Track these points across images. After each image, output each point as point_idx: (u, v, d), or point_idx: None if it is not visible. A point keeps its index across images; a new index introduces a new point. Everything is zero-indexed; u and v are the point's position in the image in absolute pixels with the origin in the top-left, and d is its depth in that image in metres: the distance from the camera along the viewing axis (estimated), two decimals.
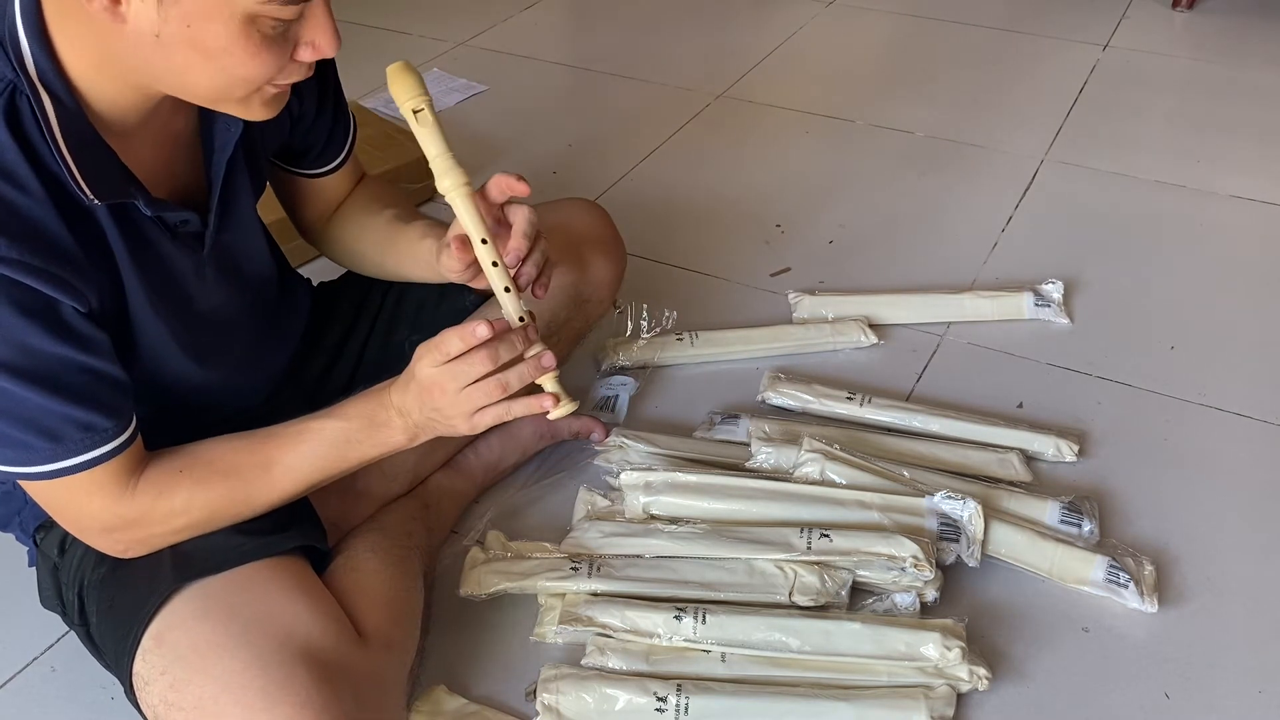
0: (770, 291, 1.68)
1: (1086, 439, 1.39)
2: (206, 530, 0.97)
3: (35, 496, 0.93)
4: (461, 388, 0.93)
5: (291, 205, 1.21)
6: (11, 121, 0.80)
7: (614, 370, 1.51)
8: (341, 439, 0.96)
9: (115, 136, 0.86)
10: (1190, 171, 1.98)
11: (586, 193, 1.88)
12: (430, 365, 0.93)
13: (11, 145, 0.80)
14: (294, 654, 0.91)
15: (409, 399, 0.95)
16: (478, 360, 0.92)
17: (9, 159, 0.80)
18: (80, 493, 0.90)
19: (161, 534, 0.95)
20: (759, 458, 1.31)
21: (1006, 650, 1.14)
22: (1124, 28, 2.52)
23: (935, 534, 1.19)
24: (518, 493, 1.33)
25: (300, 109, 1.07)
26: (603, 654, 1.10)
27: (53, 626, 1.14)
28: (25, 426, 0.85)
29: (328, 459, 0.97)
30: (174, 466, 0.93)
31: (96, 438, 0.88)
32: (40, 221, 0.82)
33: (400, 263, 1.15)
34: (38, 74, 0.81)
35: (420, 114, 0.93)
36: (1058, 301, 1.61)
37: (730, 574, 1.16)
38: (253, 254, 1.08)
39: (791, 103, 2.24)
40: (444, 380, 0.92)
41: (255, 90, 0.84)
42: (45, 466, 0.87)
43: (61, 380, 0.84)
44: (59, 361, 0.84)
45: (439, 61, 2.43)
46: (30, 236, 0.80)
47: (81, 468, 0.88)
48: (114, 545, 0.95)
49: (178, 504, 0.93)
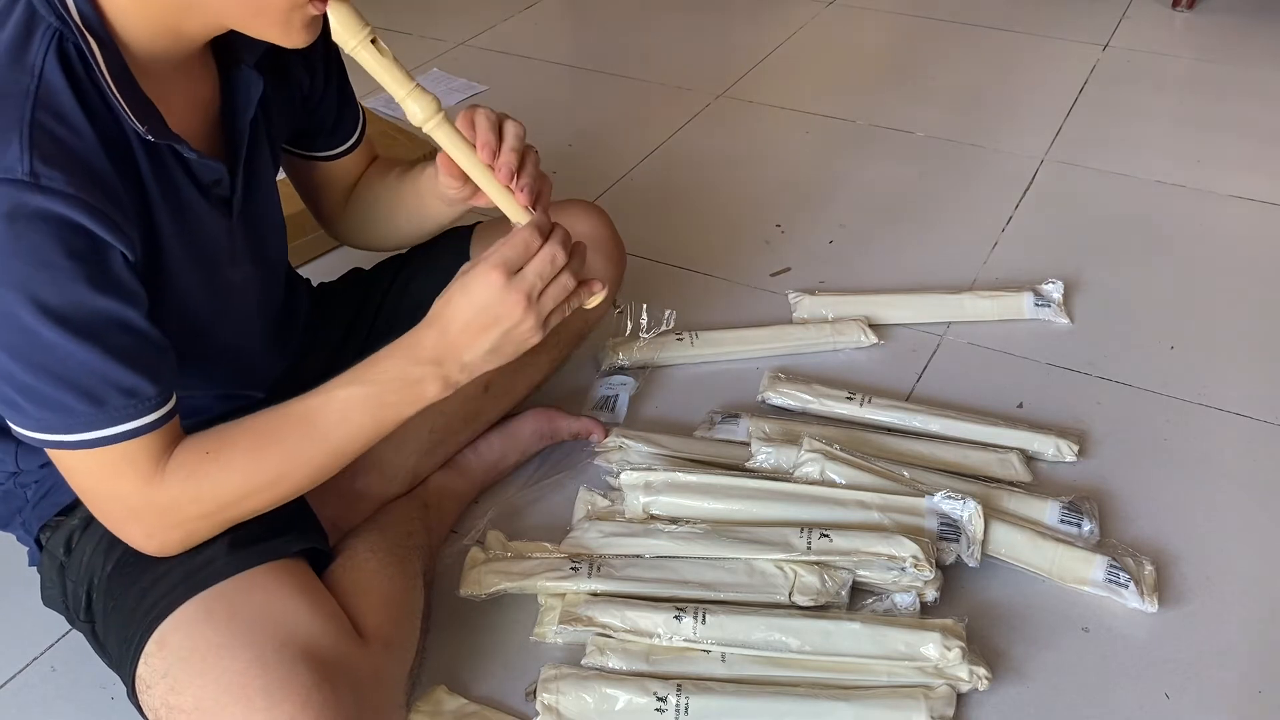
0: (770, 291, 1.68)
1: (1086, 439, 1.39)
2: (239, 518, 0.95)
3: (65, 471, 0.90)
4: (537, 296, 0.91)
5: (310, 193, 1.21)
6: (64, 65, 0.81)
7: (614, 370, 1.51)
8: (375, 404, 0.93)
9: (151, 87, 0.87)
10: (1190, 171, 1.98)
11: (586, 193, 1.88)
12: (490, 288, 0.89)
13: (65, 88, 0.81)
14: (295, 654, 0.91)
15: (445, 345, 0.92)
16: (545, 262, 0.90)
17: (62, 101, 0.81)
18: (112, 469, 0.87)
19: (195, 522, 0.93)
20: (759, 458, 1.31)
21: (1006, 650, 1.14)
22: (1124, 27, 2.52)
23: (935, 534, 1.19)
24: (518, 493, 1.33)
25: (310, 86, 1.08)
26: (603, 654, 1.10)
27: (53, 626, 1.14)
28: (66, 386, 0.82)
29: (362, 426, 0.93)
30: (200, 449, 0.91)
31: (140, 406, 0.85)
32: (93, 163, 0.82)
33: (410, 208, 1.14)
34: (81, 18, 0.82)
35: (377, 43, 0.89)
36: (1058, 301, 1.61)
37: (730, 574, 1.16)
38: (273, 234, 1.09)
39: (791, 102, 2.24)
40: (511, 299, 0.90)
41: (295, 7, 0.84)
42: (84, 435, 0.84)
43: (107, 337, 0.82)
44: (104, 315, 0.82)
45: (439, 61, 2.43)
46: (84, 174, 0.80)
47: (121, 438, 0.85)
48: (145, 537, 0.92)
49: (206, 487, 0.91)
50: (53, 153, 0.79)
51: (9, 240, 0.78)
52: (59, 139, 0.80)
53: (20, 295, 0.79)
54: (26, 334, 0.80)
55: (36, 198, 0.77)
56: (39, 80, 0.80)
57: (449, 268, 1.21)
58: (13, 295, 0.79)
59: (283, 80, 1.03)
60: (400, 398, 0.93)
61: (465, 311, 0.91)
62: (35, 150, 0.78)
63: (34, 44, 0.81)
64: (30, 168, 0.77)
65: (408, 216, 1.16)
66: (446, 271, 0.99)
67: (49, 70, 0.80)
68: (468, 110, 0.98)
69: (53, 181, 0.78)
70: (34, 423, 0.84)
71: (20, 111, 0.78)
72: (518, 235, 0.91)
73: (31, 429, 0.85)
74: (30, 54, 0.80)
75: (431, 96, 0.92)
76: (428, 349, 0.92)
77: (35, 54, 0.80)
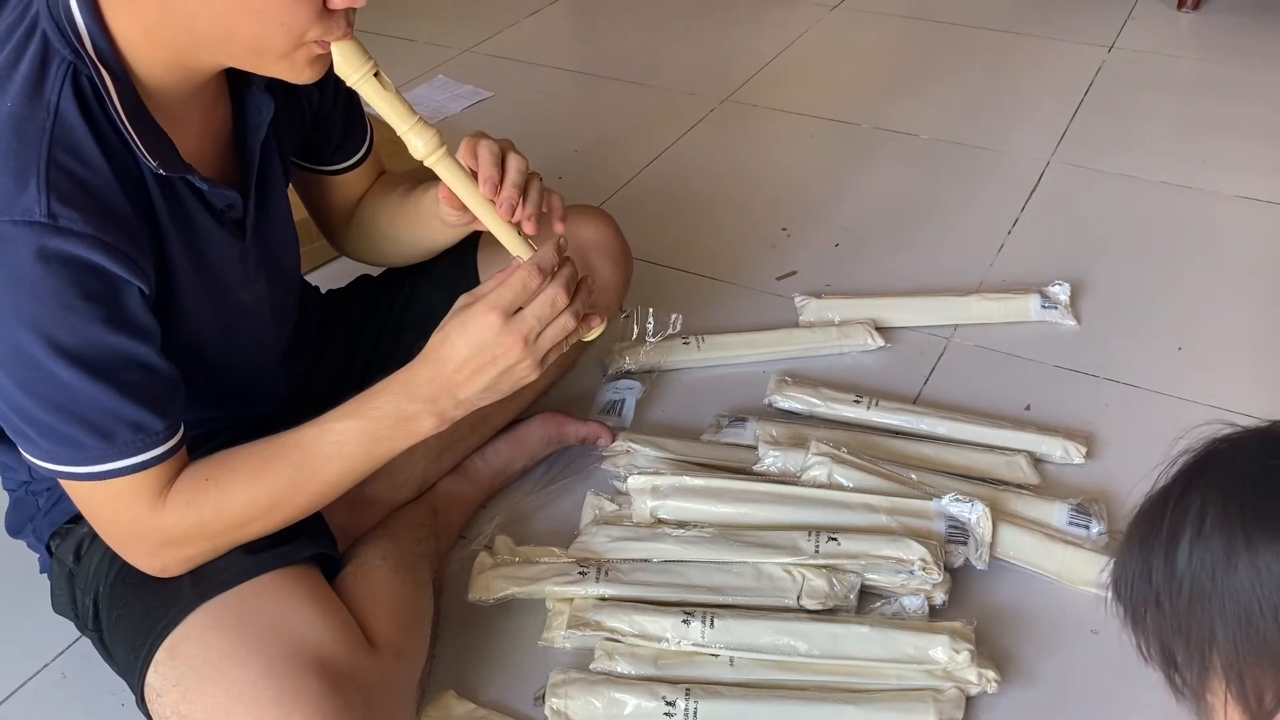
0: (776, 295, 1.69)
1: (1094, 441, 1.39)
2: (238, 542, 0.96)
3: (76, 499, 0.92)
4: (535, 338, 0.91)
5: (317, 207, 1.22)
6: (79, 100, 0.82)
7: (620, 374, 1.51)
8: (369, 438, 0.94)
9: (164, 119, 0.88)
10: (1197, 173, 1.97)
11: (592, 198, 1.88)
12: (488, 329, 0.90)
13: (80, 123, 0.82)
14: (305, 663, 0.91)
15: (441, 383, 0.92)
16: (545, 305, 0.91)
17: (78, 137, 0.82)
18: (118, 498, 0.89)
19: (196, 545, 0.94)
20: (766, 461, 1.31)
21: (1015, 653, 1.14)
22: (1129, 29, 2.52)
23: (943, 537, 1.19)
24: (525, 498, 1.33)
25: (319, 101, 1.09)
26: (611, 658, 1.10)
27: (64, 633, 1.15)
28: (78, 422, 0.84)
29: (356, 459, 0.95)
30: (200, 476, 0.92)
31: (148, 440, 0.87)
32: (109, 198, 0.83)
33: (413, 228, 1.15)
34: (95, 52, 0.83)
35: (380, 77, 0.90)
36: (1064, 303, 1.61)
37: (738, 578, 1.16)
38: (287, 248, 1.10)
39: (797, 106, 2.25)
40: (508, 340, 0.90)
41: (298, 46, 0.85)
42: (94, 467, 0.86)
43: (119, 375, 0.84)
44: (117, 354, 0.84)
45: (444, 68, 2.43)
46: (101, 212, 0.82)
47: (128, 471, 0.87)
48: (147, 559, 0.94)
49: (207, 513, 0.92)
50: (69, 192, 0.80)
51: (28, 281, 0.79)
52: (75, 177, 0.81)
53: (37, 335, 0.81)
54: (41, 372, 0.82)
55: (55, 239, 0.79)
56: (55, 117, 0.81)
57: (456, 277, 1.22)
58: (29, 335, 0.81)
59: (292, 97, 1.04)
60: (394, 433, 0.94)
61: (462, 350, 0.91)
62: (52, 190, 0.79)
63: (50, 79, 0.82)
64: (48, 209, 0.78)
65: (410, 235, 1.17)
66: (453, 283, 0.99)
67: (64, 106, 0.81)
68: (470, 139, 0.99)
69: (70, 222, 0.79)
70: (45, 454, 0.87)
71: (38, 150, 0.80)
72: (516, 275, 0.91)
73: (42, 459, 0.87)
74: (46, 89, 0.81)
75: (434, 130, 0.93)
76: (423, 386, 0.93)
77: (51, 89, 0.81)
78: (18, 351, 0.81)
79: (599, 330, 0.98)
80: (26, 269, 0.79)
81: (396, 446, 0.96)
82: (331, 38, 0.86)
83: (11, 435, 0.88)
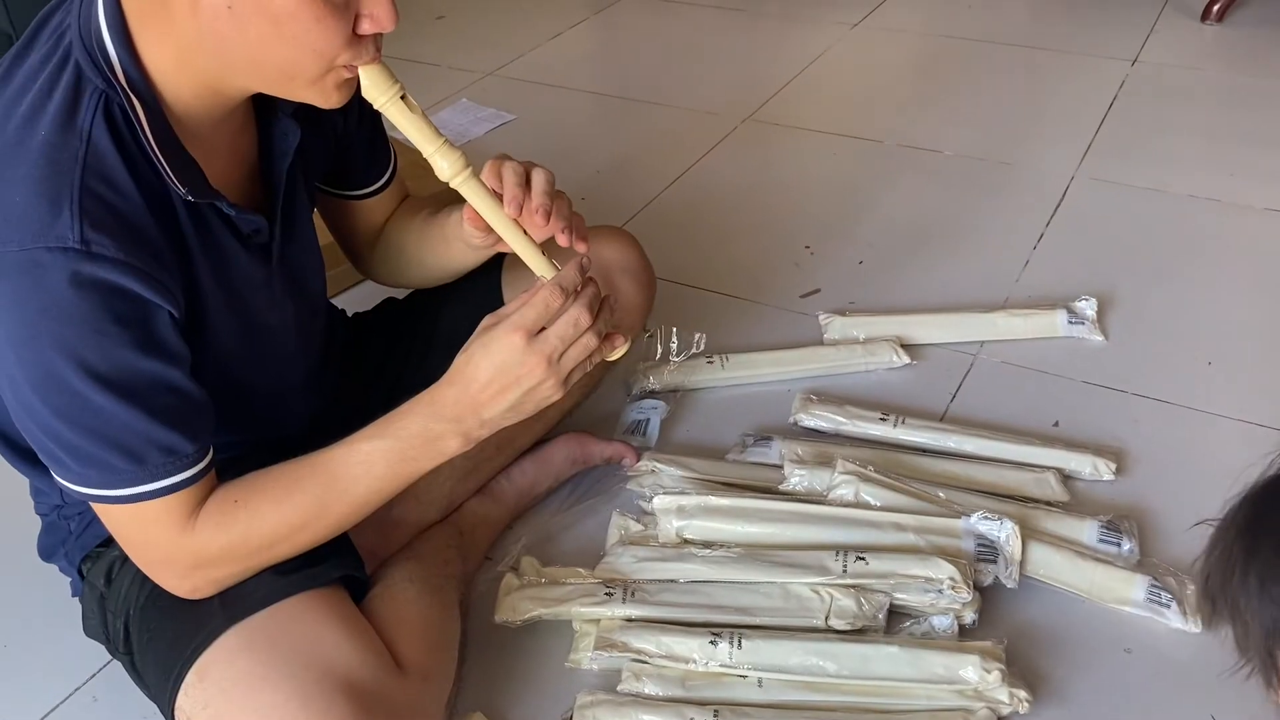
0: (800, 313, 1.68)
1: (1124, 457, 1.38)
2: (267, 563, 0.96)
3: (106, 522, 0.93)
4: (558, 358, 0.91)
5: (341, 231, 1.23)
6: (110, 127, 0.83)
7: (645, 394, 1.51)
8: (396, 458, 0.95)
9: (193, 145, 0.89)
10: (1224, 185, 1.96)
11: (615, 218, 1.89)
12: (512, 349, 0.90)
13: (112, 150, 0.83)
14: (334, 686, 0.92)
15: (466, 403, 0.93)
16: (568, 325, 0.91)
17: (109, 164, 0.83)
18: (149, 520, 0.90)
19: (225, 567, 0.95)
20: (792, 480, 1.31)
21: (1047, 672, 1.13)
22: (1152, 42, 2.51)
23: (972, 555, 1.18)
24: (551, 518, 1.33)
25: (344, 127, 1.10)
26: (638, 680, 1.09)
27: (94, 656, 1.16)
28: (110, 446, 0.85)
29: (383, 479, 0.95)
30: (229, 498, 0.93)
31: (178, 462, 0.88)
32: (139, 223, 0.84)
33: (439, 250, 1.16)
34: (127, 81, 0.84)
35: (406, 99, 0.91)
36: (1091, 319, 1.60)
37: (766, 598, 1.16)
38: (313, 272, 1.11)
39: (819, 124, 2.25)
40: (532, 360, 0.90)
41: (327, 71, 0.86)
42: (125, 490, 0.87)
43: (150, 398, 0.86)
44: (149, 378, 0.85)
45: (467, 92, 2.45)
46: (132, 238, 0.83)
47: (159, 494, 0.88)
48: (177, 581, 0.95)
49: (235, 535, 0.93)
50: (102, 218, 0.81)
51: (61, 307, 0.81)
52: (107, 203, 0.82)
53: (70, 360, 0.82)
54: (74, 396, 0.83)
55: (87, 265, 0.80)
56: (87, 145, 0.82)
57: (481, 298, 1.22)
58: (63, 359, 0.82)
59: (317, 123, 1.05)
60: (421, 453, 0.95)
61: (486, 371, 0.92)
62: (85, 217, 0.80)
63: (82, 107, 0.83)
64: (81, 235, 0.80)
65: (435, 258, 1.18)
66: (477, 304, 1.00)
67: (96, 133, 0.83)
68: (495, 161, 1.00)
69: (103, 248, 0.81)
70: (76, 477, 0.88)
71: (71, 177, 0.81)
72: (539, 295, 0.92)
73: (74, 483, 0.88)
74: (79, 118, 0.83)
75: (459, 153, 0.94)
76: (449, 406, 0.94)
77: (84, 118, 0.83)
78: (51, 376, 0.83)
79: (622, 350, 0.98)
80: (60, 294, 0.80)
81: (423, 466, 0.96)
82: (360, 62, 0.87)
83: (44, 458, 0.89)
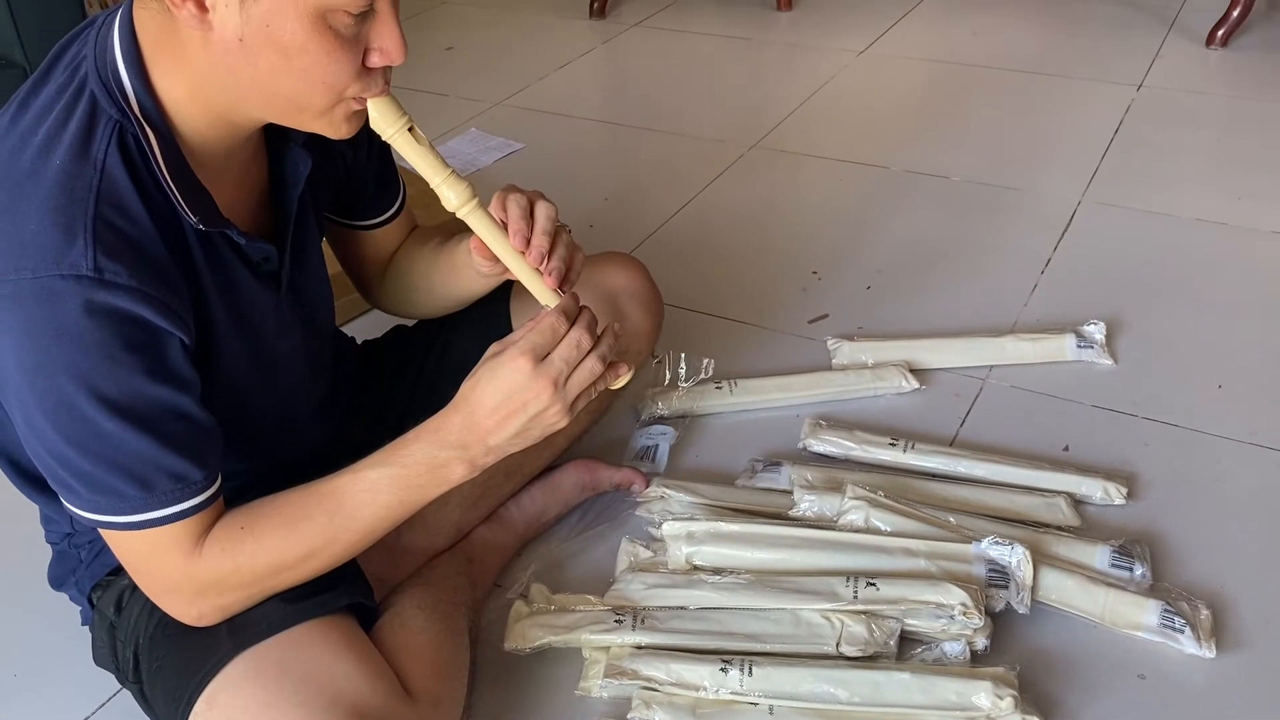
0: (808, 338, 1.68)
1: (1135, 481, 1.37)
2: (273, 590, 0.96)
3: (114, 548, 0.93)
4: (564, 382, 0.92)
5: (350, 261, 1.24)
6: (124, 156, 0.85)
7: (653, 420, 1.51)
8: (401, 485, 0.95)
9: (204, 174, 0.90)
10: (1231, 209, 1.96)
11: (623, 245, 1.90)
12: (518, 374, 0.91)
13: (125, 179, 0.84)
14: (343, 713, 0.91)
15: (471, 430, 0.93)
16: (571, 348, 0.92)
17: (123, 192, 0.84)
18: (157, 547, 0.90)
19: (231, 594, 0.95)
20: (802, 506, 1.30)
21: (1060, 698, 1.12)
22: (1158, 67, 2.52)
23: (984, 580, 1.18)
24: (560, 545, 1.33)
25: (353, 158, 1.11)
26: (649, 708, 1.09)
27: (104, 687, 1.15)
28: (120, 472, 0.86)
29: (389, 507, 0.96)
30: (235, 524, 0.93)
31: (187, 489, 0.89)
32: (151, 251, 0.85)
33: (447, 279, 1.16)
34: (140, 111, 0.86)
35: (414, 131, 0.93)
36: (1100, 343, 1.60)
37: (776, 625, 1.15)
38: (322, 300, 1.12)
39: (826, 151, 2.26)
40: (538, 385, 0.91)
41: (337, 103, 0.87)
42: (134, 517, 0.88)
43: (160, 425, 0.86)
44: (159, 404, 0.86)
45: (476, 121, 2.47)
46: (144, 266, 0.84)
47: (167, 520, 0.88)
48: (184, 607, 0.95)
49: (242, 561, 0.93)
50: (115, 245, 0.82)
51: (74, 334, 0.81)
52: (120, 231, 0.83)
53: (81, 386, 0.82)
54: (85, 423, 0.84)
55: (100, 293, 0.81)
56: (101, 174, 0.84)
57: (489, 326, 1.23)
58: (73, 386, 0.82)
59: (327, 153, 1.06)
60: (426, 480, 0.95)
61: (492, 397, 0.92)
62: (99, 245, 0.81)
63: (97, 137, 0.85)
64: (94, 263, 0.81)
65: (444, 286, 1.18)
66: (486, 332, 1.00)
67: (110, 163, 0.84)
68: (501, 192, 1.01)
69: (116, 276, 0.81)
70: (85, 504, 0.88)
71: (85, 206, 0.82)
72: (545, 321, 0.93)
73: (83, 509, 0.88)
74: (94, 147, 0.84)
75: (465, 183, 0.95)
76: (454, 433, 0.94)
77: (98, 147, 0.84)
78: (63, 402, 0.83)
79: (626, 378, 0.99)
80: (73, 321, 0.81)
81: (429, 494, 0.97)
82: (369, 94, 0.88)
83: (53, 485, 0.89)
